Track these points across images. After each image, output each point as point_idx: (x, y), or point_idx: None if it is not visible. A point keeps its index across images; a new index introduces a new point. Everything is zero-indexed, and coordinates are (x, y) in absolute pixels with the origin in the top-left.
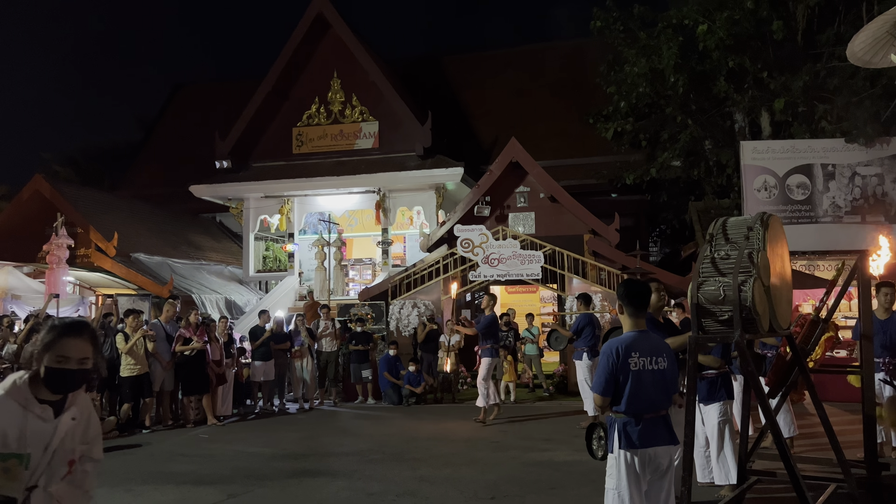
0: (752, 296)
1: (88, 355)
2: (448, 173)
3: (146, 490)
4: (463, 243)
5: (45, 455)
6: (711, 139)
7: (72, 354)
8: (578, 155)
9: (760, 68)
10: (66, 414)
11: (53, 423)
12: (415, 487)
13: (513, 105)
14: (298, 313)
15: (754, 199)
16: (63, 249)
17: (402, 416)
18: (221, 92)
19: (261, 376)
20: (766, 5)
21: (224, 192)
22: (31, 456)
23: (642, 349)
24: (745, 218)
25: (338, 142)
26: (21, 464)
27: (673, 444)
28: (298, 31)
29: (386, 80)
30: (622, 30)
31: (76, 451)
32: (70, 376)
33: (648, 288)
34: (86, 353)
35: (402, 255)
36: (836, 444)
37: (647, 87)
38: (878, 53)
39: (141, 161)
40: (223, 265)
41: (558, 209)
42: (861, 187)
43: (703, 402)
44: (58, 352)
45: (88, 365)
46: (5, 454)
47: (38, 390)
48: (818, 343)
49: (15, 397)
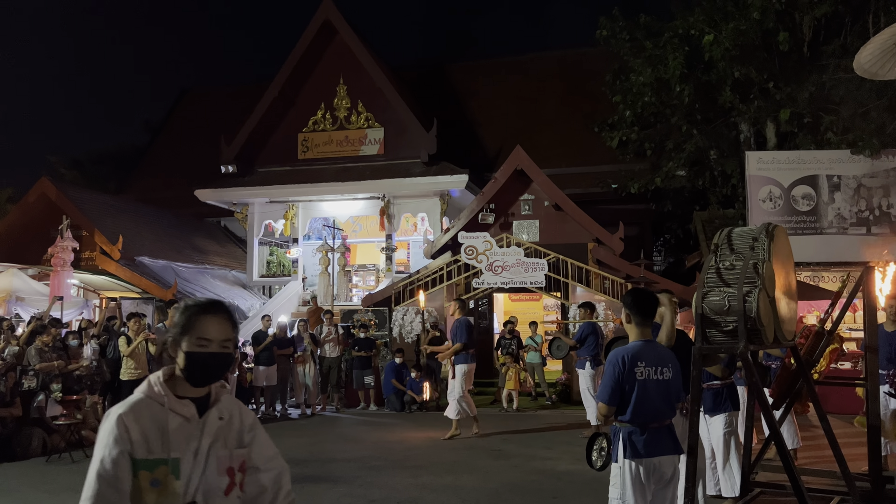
0: (757, 306)
1: (230, 336)
2: (453, 180)
3: None
4: (467, 250)
5: (197, 463)
6: (716, 149)
7: (213, 336)
8: (583, 163)
9: (766, 79)
10: (211, 411)
11: (199, 423)
12: (416, 495)
13: (518, 113)
14: (301, 318)
15: (759, 209)
16: (68, 252)
17: (404, 422)
18: (228, 97)
19: (263, 381)
20: (773, 16)
21: (229, 197)
22: (179, 461)
23: (648, 359)
24: (750, 228)
25: (343, 148)
26: (171, 472)
27: (677, 453)
28: (305, 37)
29: (392, 87)
30: (628, 39)
31: (233, 458)
32: (213, 361)
33: (656, 297)
34: (227, 333)
35: (405, 262)
36: (840, 456)
37: (652, 97)
38: (885, 65)
39: (146, 165)
40: (227, 269)
41: (562, 217)
42: (866, 199)
43: (709, 412)
44: (198, 333)
45: (230, 348)
46: (152, 460)
47: (177, 386)
48: (823, 355)
49: (154, 396)
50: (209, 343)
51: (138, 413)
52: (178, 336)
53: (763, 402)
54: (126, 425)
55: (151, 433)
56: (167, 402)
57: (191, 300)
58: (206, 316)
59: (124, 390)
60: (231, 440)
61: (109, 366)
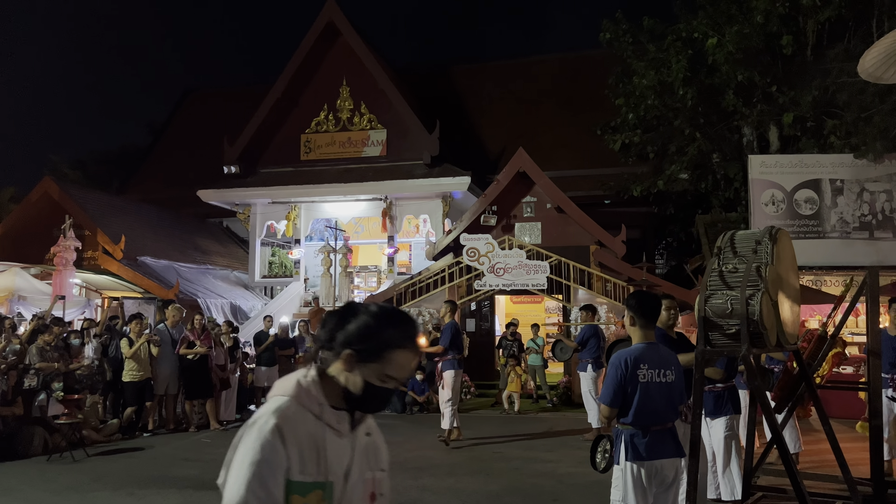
0: (760, 310)
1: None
2: (455, 182)
3: (148, 494)
4: (469, 252)
5: (346, 486)
6: (719, 152)
7: (404, 375)
8: (586, 166)
9: (769, 82)
10: (361, 427)
11: (350, 439)
12: (417, 496)
13: (521, 115)
14: (303, 319)
15: (762, 213)
16: (70, 251)
17: (405, 424)
18: (231, 98)
19: (264, 381)
20: (776, 20)
21: (231, 198)
22: (333, 486)
23: (651, 361)
24: (753, 231)
25: (346, 149)
26: (325, 498)
27: (679, 456)
28: (308, 39)
29: (394, 89)
30: (631, 42)
31: (375, 482)
32: (390, 396)
33: (659, 300)
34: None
35: (407, 263)
36: (842, 460)
37: (655, 100)
38: (889, 69)
39: (149, 165)
40: (229, 270)
41: (565, 220)
42: (869, 203)
43: (710, 416)
44: (389, 369)
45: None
46: (307, 484)
47: (330, 394)
48: (825, 359)
49: (306, 404)
50: (394, 381)
51: (294, 424)
52: (360, 356)
53: (765, 406)
54: (283, 437)
55: (307, 450)
56: (322, 413)
57: (380, 310)
58: (404, 352)
59: (126, 391)
60: (373, 461)
61: (111, 365)
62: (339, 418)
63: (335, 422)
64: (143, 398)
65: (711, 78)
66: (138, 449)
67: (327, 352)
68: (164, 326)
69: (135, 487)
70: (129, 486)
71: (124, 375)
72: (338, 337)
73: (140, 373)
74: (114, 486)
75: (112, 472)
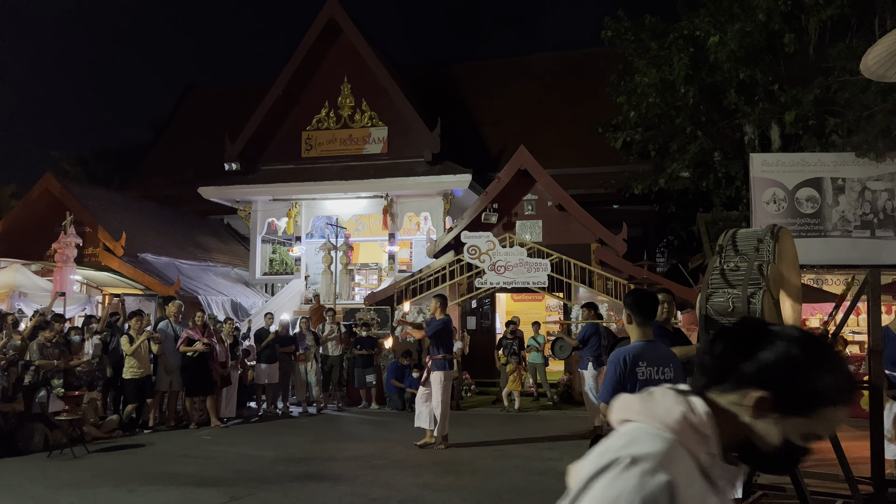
0: (762, 308)
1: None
2: (456, 180)
3: (149, 490)
4: (469, 250)
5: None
6: (721, 151)
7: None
8: (587, 164)
9: (771, 81)
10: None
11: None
12: (417, 494)
13: (522, 113)
14: (304, 316)
15: (763, 211)
16: (71, 248)
17: (405, 421)
18: (232, 94)
19: (265, 379)
20: (778, 18)
21: (232, 195)
22: None
23: (650, 359)
24: (755, 230)
25: (347, 146)
26: None
27: None
28: (310, 36)
29: (396, 86)
30: (633, 40)
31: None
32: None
33: (656, 298)
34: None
35: (408, 261)
36: (843, 459)
37: (657, 98)
38: (891, 67)
39: (150, 162)
40: (230, 267)
41: (566, 218)
42: (871, 202)
43: None
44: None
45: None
46: None
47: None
48: None
49: (694, 449)
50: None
51: (686, 481)
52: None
53: None
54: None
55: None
56: (712, 469)
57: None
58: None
59: (126, 388)
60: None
61: (112, 362)
62: (727, 476)
63: (723, 481)
64: (143, 395)
65: (713, 76)
66: (139, 445)
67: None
68: (168, 323)
69: (135, 484)
70: (130, 482)
71: (125, 373)
72: (744, 368)
73: (140, 370)
74: (114, 483)
75: (113, 469)
